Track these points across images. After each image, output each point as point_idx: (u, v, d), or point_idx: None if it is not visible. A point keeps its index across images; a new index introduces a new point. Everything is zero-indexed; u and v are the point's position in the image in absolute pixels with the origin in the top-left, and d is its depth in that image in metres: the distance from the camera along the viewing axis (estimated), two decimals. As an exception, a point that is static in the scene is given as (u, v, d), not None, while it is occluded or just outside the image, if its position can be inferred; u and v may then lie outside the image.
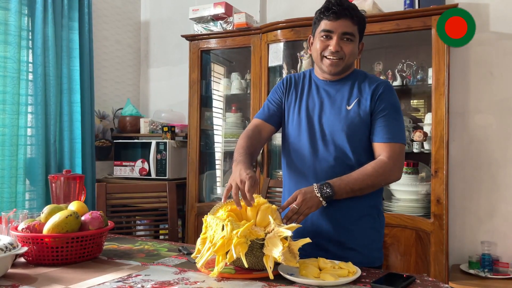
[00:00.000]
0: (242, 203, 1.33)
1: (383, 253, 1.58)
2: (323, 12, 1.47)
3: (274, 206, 1.35)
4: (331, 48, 1.46)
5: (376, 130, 1.47)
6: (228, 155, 3.32)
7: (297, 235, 1.37)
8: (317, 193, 1.38)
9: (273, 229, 1.23)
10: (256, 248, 1.22)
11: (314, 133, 1.52)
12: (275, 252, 1.17)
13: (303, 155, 1.54)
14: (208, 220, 1.30)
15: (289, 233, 1.20)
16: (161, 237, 2.64)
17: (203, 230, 1.30)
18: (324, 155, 1.49)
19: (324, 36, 1.48)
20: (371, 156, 1.50)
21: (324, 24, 1.47)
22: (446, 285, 1.20)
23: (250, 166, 1.42)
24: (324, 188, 1.39)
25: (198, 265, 1.27)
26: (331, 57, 1.47)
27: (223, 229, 1.22)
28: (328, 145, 1.49)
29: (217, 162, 3.32)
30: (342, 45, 1.46)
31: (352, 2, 2.63)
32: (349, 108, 1.49)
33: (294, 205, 1.37)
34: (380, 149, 1.46)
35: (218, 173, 3.31)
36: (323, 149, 1.50)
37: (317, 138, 1.51)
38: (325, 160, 1.49)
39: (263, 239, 1.21)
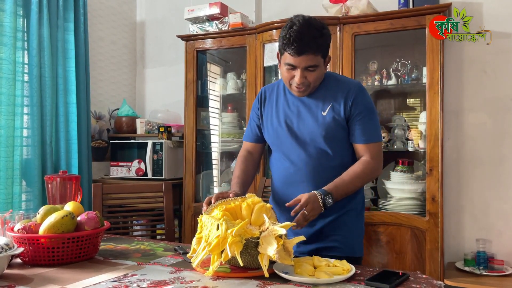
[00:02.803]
0: (229, 205, 1.40)
1: (363, 246, 1.67)
2: (286, 44, 1.45)
3: (268, 205, 1.36)
4: (296, 80, 1.49)
5: (356, 132, 1.55)
6: (225, 155, 3.33)
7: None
8: (321, 203, 1.43)
9: (267, 228, 1.24)
10: (251, 246, 1.23)
11: (294, 140, 1.58)
12: (270, 250, 1.18)
13: (287, 162, 1.60)
14: (203, 219, 1.30)
15: (283, 231, 1.21)
16: (158, 237, 2.64)
17: (198, 230, 1.31)
18: (307, 159, 1.56)
19: (288, 68, 1.50)
20: (352, 155, 1.59)
21: (287, 57, 1.47)
22: (440, 282, 1.22)
23: (237, 190, 1.57)
24: (327, 199, 1.44)
25: (194, 265, 1.28)
26: (297, 87, 1.52)
27: (218, 228, 1.22)
28: (309, 150, 1.56)
29: (213, 162, 3.33)
30: (306, 75, 1.49)
31: (346, 2, 2.65)
32: (324, 114, 1.55)
33: (304, 211, 1.40)
34: (362, 150, 1.56)
35: (215, 173, 3.31)
36: (306, 154, 1.56)
37: (299, 144, 1.58)
38: (309, 164, 1.56)
39: (258, 238, 1.22)
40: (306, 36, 1.43)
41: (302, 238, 1.25)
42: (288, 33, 1.44)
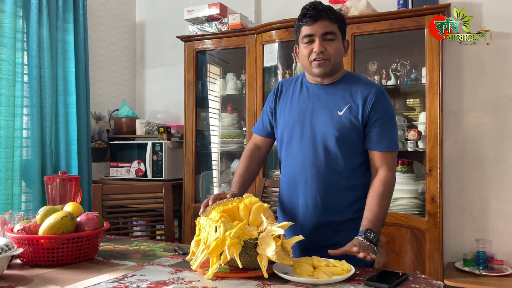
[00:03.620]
0: (227, 206, 1.39)
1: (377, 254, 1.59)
2: (301, 19, 1.50)
3: (266, 205, 1.36)
4: (315, 49, 1.47)
5: (374, 139, 1.49)
6: (225, 156, 3.33)
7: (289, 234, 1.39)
8: (366, 242, 1.37)
9: (265, 228, 1.24)
10: (249, 247, 1.23)
11: (305, 138, 1.54)
12: (269, 251, 1.18)
13: (294, 159, 1.56)
14: (201, 222, 1.30)
15: (281, 231, 1.21)
16: (158, 237, 2.65)
17: (197, 232, 1.31)
18: (315, 160, 1.51)
19: (307, 42, 1.50)
20: (360, 160, 1.53)
21: (304, 30, 1.50)
22: (439, 282, 1.22)
23: (236, 190, 1.55)
24: (368, 235, 1.38)
25: (193, 267, 1.27)
26: (317, 58, 1.48)
27: (216, 230, 1.22)
28: (318, 150, 1.51)
29: (213, 162, 3.33)
30: (325, 45, 1.48)
31: (345, 2, 2.65)
32: (340, 113, 1.50)
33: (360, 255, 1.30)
34: (379, 159, 1.50)
35: (215, 173, 3.31)
36: (314, 154, 1.52)
37: (308, 142, 1.53)
38: (315, 165, 1.51)
39: (256, 239, 1.22)
40: (320, 5, 1.49)
41: (300, 237, 1.26)
42: (303, 9, 1.50)
